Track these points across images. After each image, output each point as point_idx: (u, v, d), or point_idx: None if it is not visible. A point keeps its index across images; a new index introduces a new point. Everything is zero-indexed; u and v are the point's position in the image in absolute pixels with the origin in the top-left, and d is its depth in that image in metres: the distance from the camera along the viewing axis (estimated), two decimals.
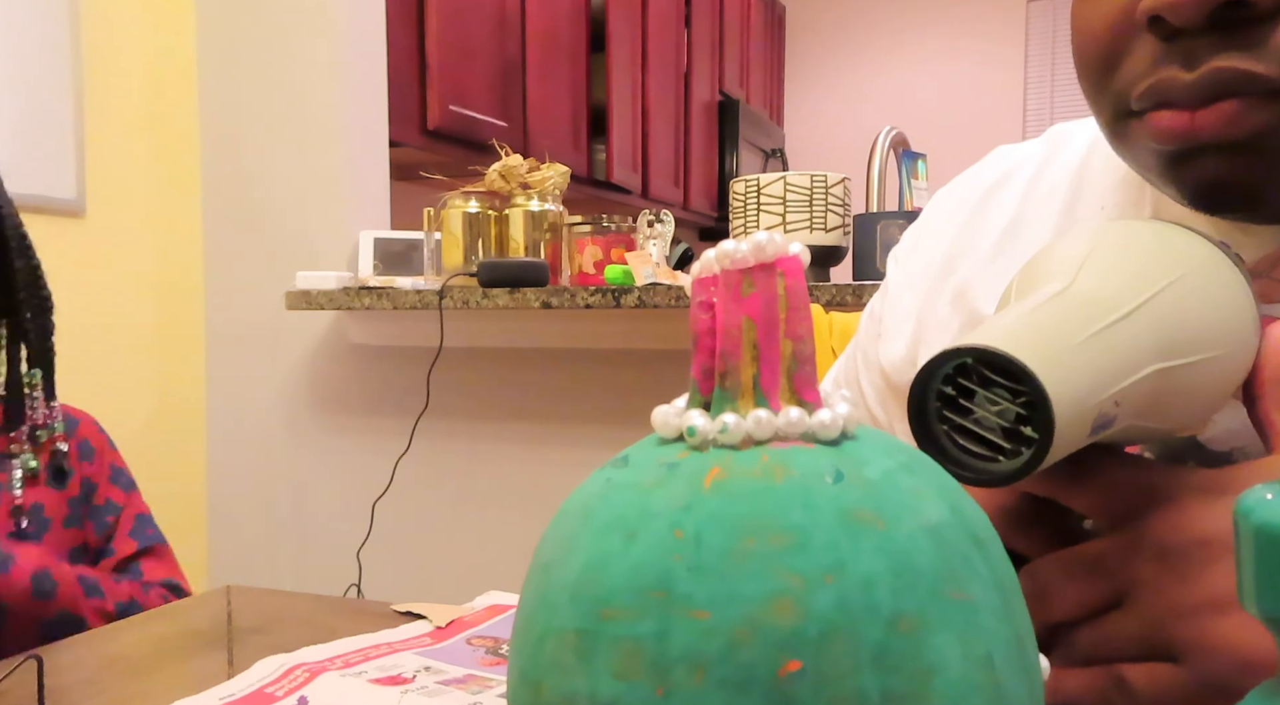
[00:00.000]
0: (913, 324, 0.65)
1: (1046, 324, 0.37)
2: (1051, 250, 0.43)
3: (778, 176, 1.71)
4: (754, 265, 0.28)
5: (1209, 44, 0.44)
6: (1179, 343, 0.38)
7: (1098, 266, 0.40)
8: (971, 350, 0.35)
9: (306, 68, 1.99)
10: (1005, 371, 0.35)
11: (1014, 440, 0.36)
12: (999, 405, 0.36)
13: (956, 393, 0.37)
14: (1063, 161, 0.62)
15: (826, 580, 0.24)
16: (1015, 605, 0.28)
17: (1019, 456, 0.35)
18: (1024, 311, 0.38)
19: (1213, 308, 0.40)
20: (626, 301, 1.63)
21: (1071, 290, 0.39)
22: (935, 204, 0.70)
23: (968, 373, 0.36)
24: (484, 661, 0.60)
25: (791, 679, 0.24)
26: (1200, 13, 0.43)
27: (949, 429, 0.37)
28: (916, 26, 4.90)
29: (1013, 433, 0.36)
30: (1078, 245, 0.42)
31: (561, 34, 3.04)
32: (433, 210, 1.91)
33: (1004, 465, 0.36)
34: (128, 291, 1.98)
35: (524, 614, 0.28)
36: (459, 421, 1.96)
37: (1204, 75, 0.44)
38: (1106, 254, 0.41)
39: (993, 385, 0.36)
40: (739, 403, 0.28)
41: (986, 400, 0.36)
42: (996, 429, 0.36)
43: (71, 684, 0.56)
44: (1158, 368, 0.37)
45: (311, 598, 0.76)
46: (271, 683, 0.55)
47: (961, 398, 0.37)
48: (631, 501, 0.27)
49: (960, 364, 0.36)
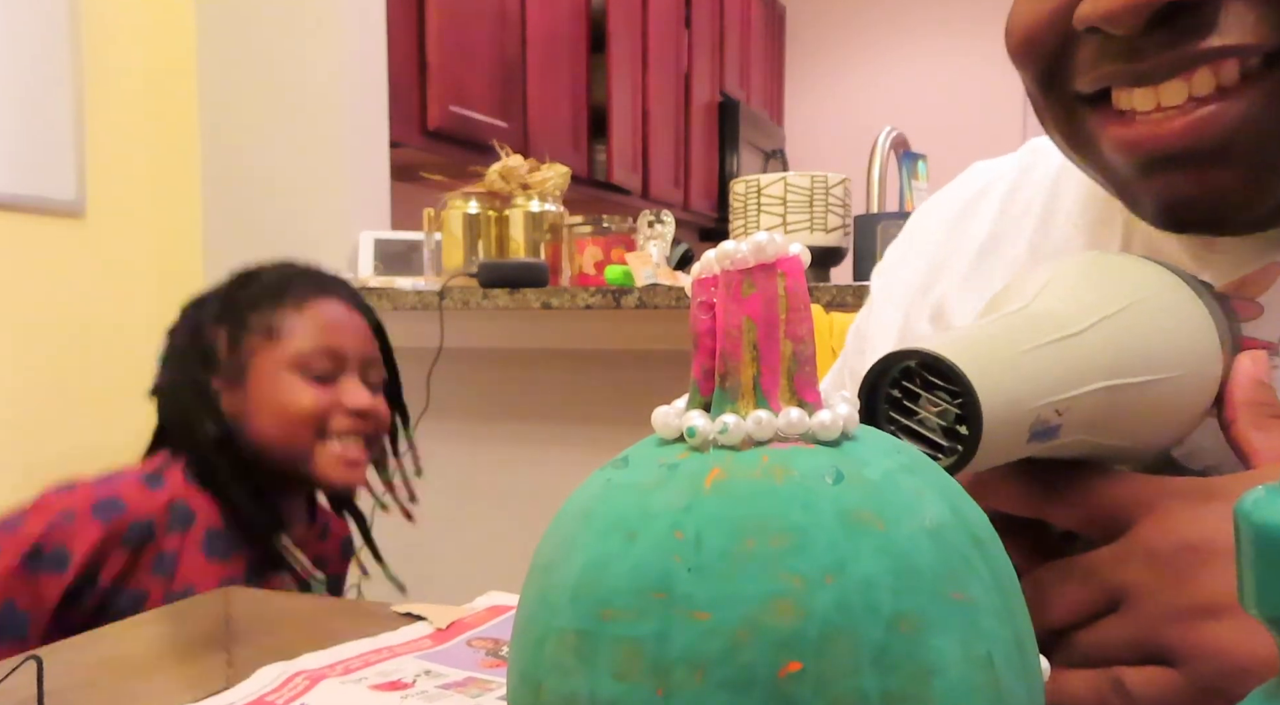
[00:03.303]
0: (894, 339, 0.65)
1: (991, 336, 0.39)
2: (1018, 278, 0.46)
3: (778, 177, 1.71)
4: (754, 266, 0.28)
5: (1155, 41, 0.43)
6: (1131, 363, 0.40)
7: (1056, 290, 0.43)
8: (913, 353, 0.38)
9: (306, 68, 1.99)
10: (943, 375, 0.38)
11: (952, 439, 0.38)
12: (939, 406, 0.38)
13: (903, 395, 0.40)
14: (1037, 177, 0.62)
15: (827, 581, 0.24)
16: (1015, 606, 0.28)
17: (954, 454, 0.38)
18: (976, 325, 0.41)
19: (1168, 332, 0.42)
20: (626, 302, 1.63)
21: (1027, 309, 0.41)
22: (915, 220, 0.70)
23: (912, 376, 0.39)
24: (484, 663, 0.60)
25: (792, 680, 0.24)
26: (1139, 18, 0.42)
27: (895, 429, 0.40)
28: (916, 26, 4.90)
29: (951, 432, 0.38)
30: (1041, 274, 0.44)
31: (561, 34, 3.04)
32: (433, 211, 1.91)
33: (940, 462, 0.38)
34: (128, 291, 1.98)
35: (524, 615, 0.28)
36: (459, 422, 1.96)
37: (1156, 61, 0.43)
38: (1065, 281, 0.43)
39: (935, 388, 0.39)
40: (739, 403, 0.28)
41: (929, 402, 0.39)
42: (937, 429, 0.39)
43: (71, 684, 0.56)
44: (1106, 385, 0.40)
45: (311, 599, 0.76)
46: (272, 691, 0.55)
47: (907, 400, 0.40)
48: (632, 502, 0.27)
49: (905, 368, 0.39)
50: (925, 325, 0.63)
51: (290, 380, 1.09)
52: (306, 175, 2.00)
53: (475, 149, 2.48)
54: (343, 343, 1.12)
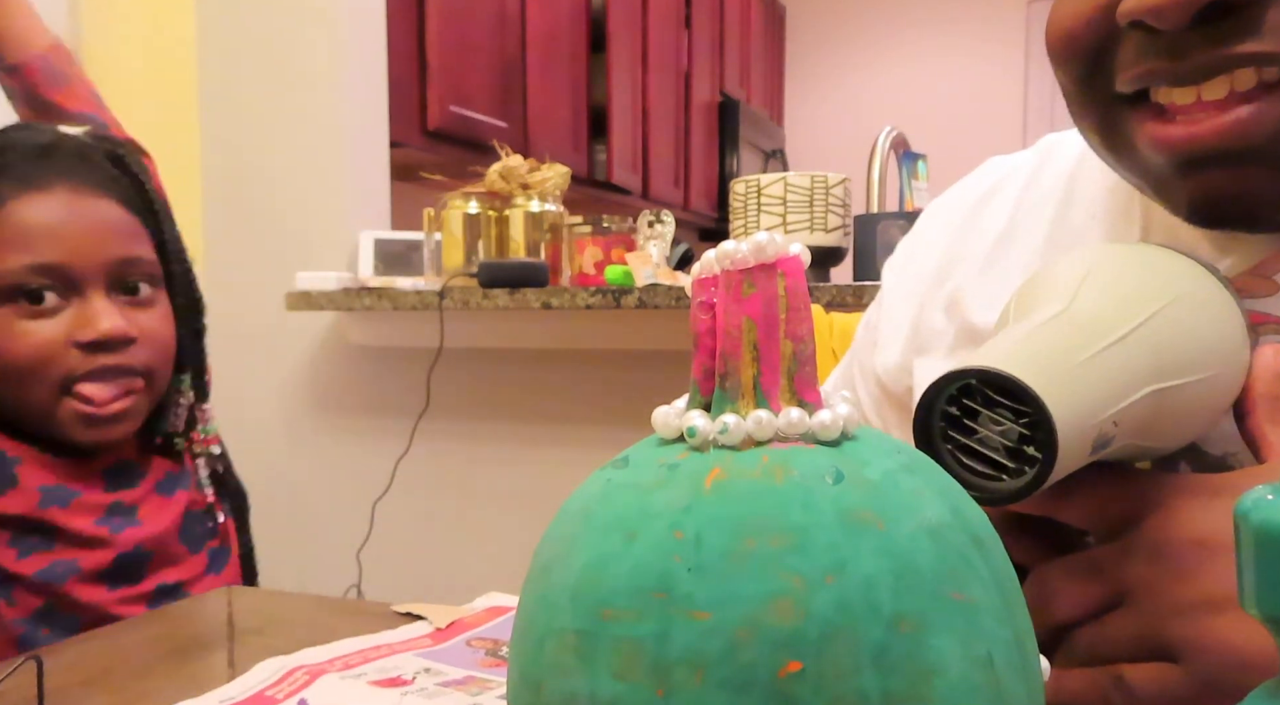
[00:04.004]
0: (907, 332, 0.65)
1: (1046, 346, 0.38)
2: (1047, 272, 0.44)
3: (778, 177, 1.71)
4: (754, 266, 0.28)
5: (1199, 38, 0.43)
6: (1173, 364, 0.39)
7: (1093, 290, 0.41)
8: (976, 372, 0.36)
9: (306, 68, 1.99)
10: (1009, 392, 0.36)
11: (1017, 459, 0.36)
12: (1002, 425, 0.37)
13: (961, 413, 0.38)
14: (1053, 171, 0.62)
15: (827, 581, 0.24)
16: (1015, 606, 0.28)
17: (1023, 475, 0.36)
18: (1024, 333, 0.39)
19: (1204, 330, 0.41)
20: (627, 302, 1.63)
21: (1069, 312, 0.40)
22: (928, 214, 0.70)
23: (972, 394, 0.37)
24: (484, 663, 0.60)
25: (792, 680, 0.24)
26: (1185, 15, 0.42)
27: (953, 448, 0.38)
28: (916, 26, 4.90)
29: (1016, 452, 0.36)
30: (1073, 268, 0.43)
31: (561, 34, 3.04)
32: (433, 211, 1.91)
33: (1008, 484, 0.37)
34: None
35: (524, 615, 0.28)
36: (459, 422, 1.96)
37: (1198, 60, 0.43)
38: (1102, 277, 0.42)
39: (996, 406, 0.37)
40: (739, 403, 0.28)
41: (990, 420, 0.37)
42: (1000, 448, 0.37)
43: (71, 684, 0.56)
44: (1154, 389, 0.39)
45: (311, 599, 0.76)
46: (271, 685, 0.55)
47: (966, 418, 0.38)
48: (632, 502, 0.27)
49: (964, 385, 0.37)
50: (939, 317, 0.63)
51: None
52: (306, 175, 2.00)
53: (475, 149, 2.48)
54: (67, 251, 0.82)
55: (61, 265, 0.82)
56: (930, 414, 0.38)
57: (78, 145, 0.88)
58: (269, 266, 2.02)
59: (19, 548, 0.81)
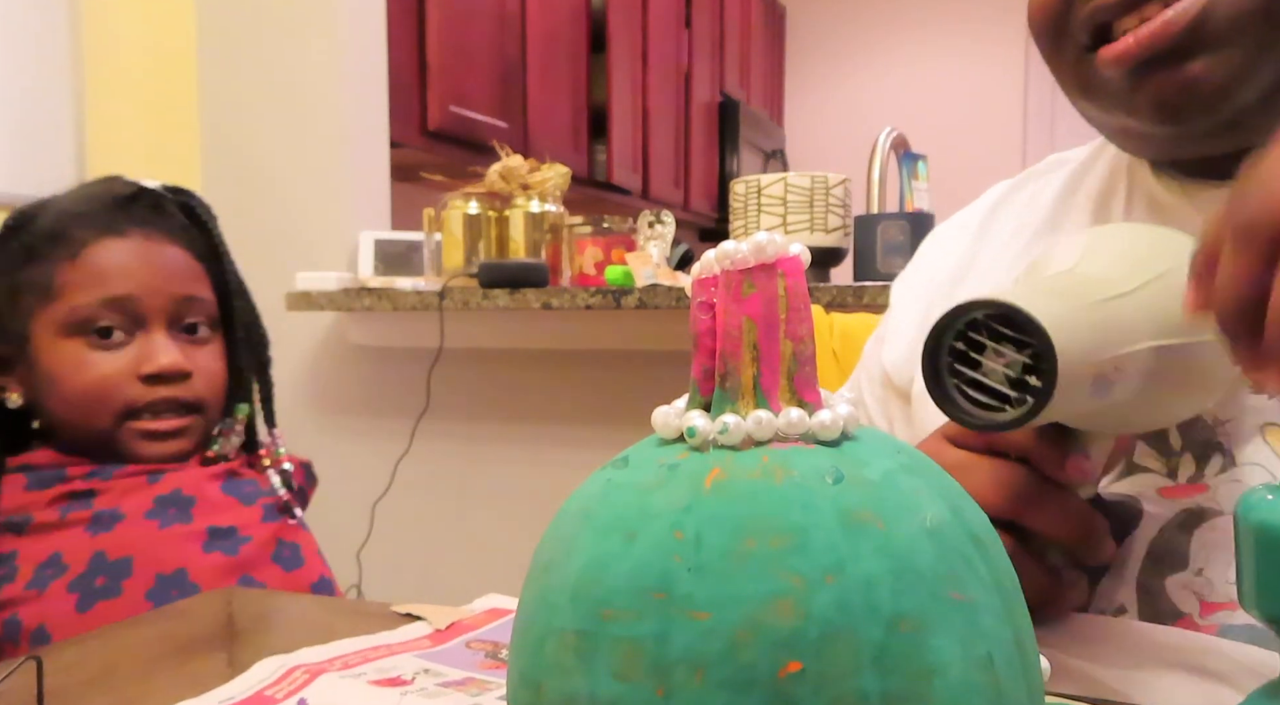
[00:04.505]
0: (915, 329, 0.67)
1: (1053, 290, 0.40)
2: (1055, 245, 0.48)
3: (778, 177, 1.71)
4: (754, 266, 0.28)
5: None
6: (1173, 324, 0.42)
7: (1099, 255, 0.44)
8: (984, 303, 0.39)
9: (306, 68, 1.99)
10: (1014, 324, 0.38)
11: (1020, 389, 0.39)
12: (1005, 357, 0.39)
13: (967, 347, 0.40)
14: (1062, 175, 0.67)
15: (827, 581, 0.24)
16: (1015, 606, 0.28)
17: (1024, 405, 0.39)
18: (1031, 283, 0.42)
19: None
20: (627, 302, 1.63)
21: (1076, 270, 0.43)
22: (934, 238, 0.75)
23: (978, 328, 0.40)
24: (483, 664, 0.60)
25: (792, 679, 0.24)
26: None
27: (958, 381, 0.40)
28: (917, 26, 4.90)
29: (1018, 382, 0.39)
30: (1078, 240, 0.46)
31: (561, 34, 3.03)
32: (433, 211, 1.91)
33: (1009, 413, 0.39)
34: None
35: (524, 615, 0.28)
36: (459, 422, 1.96)
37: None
38: (1106, 246, 0.45)
39: (1002, 339, 0.39)
40: (739, 403, 0.28)
41: (994, 352, 0.39)
42: (1004, 380, 0.39)
43: (71, 684, 0.56)
44: (1154, 345, 0.41)
45: (311, 599, 0.76)
46: (271, 685, 0.55)
47: (972, 351, 0.40)
48: (632, 502, 0.27)
49: (971, 320, 0.40)
50: None
51: (69, 348, 0.89)
52: (306, 175, 2.00)
53: (475, 149, 2.48)
54: (135, 288, 0.90)
55: (129, 298, 0.90)
56: (939, 347, 0.40)
57: (154, 198, 0.98)
58: (269, 266, 2.01)
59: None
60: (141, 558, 0.86)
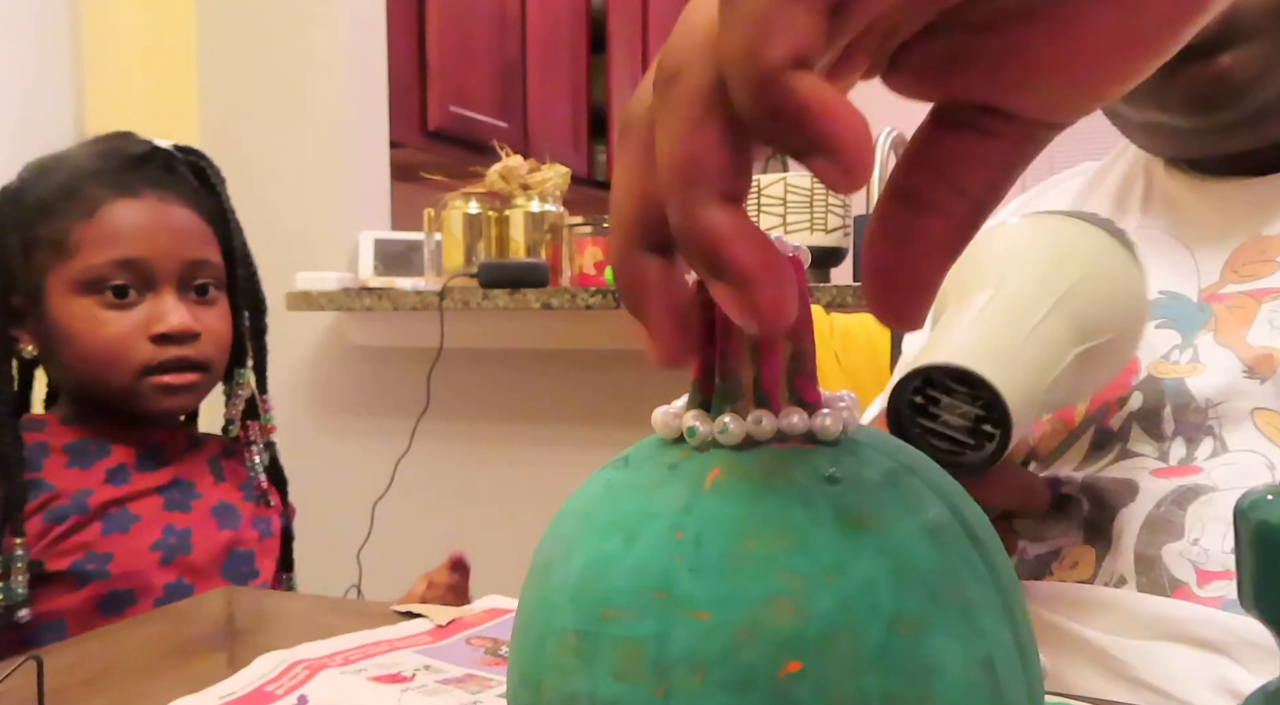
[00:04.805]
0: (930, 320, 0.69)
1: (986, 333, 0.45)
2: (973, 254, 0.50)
3: (778, 177, 1.71)
4: None
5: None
6: (1091, 327, 0.46)
7: (1016, 271, 0.48)
8: (935, 368, 0.43)
9: (306, 68, 1.99)
10: (963, 381, 0.43)
11: (976, 436, 0.43)
12: (961, 408, 0.43)
13: (926, 401, 0.45)
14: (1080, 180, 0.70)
15: (827, 581, 0.24)
16: (1015, 606, 0.28)
17: (984, 449, 0.43)
18: (967, 322, 0.46)
19: (1113, 291, 0.48)
20: None
21: (999, 297, 0.47)
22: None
23: (934, 384, 0.44)
24: (483, 661, 0.60)
25: (792, 680, 0.24)
26: None
27: (920, 431, 0.45)
28: None
29: (974, 430, 0.43)
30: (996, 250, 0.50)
31: (561, 34, 3.04)
32: (433, 211, 1.91)
33: (971, 457, 0.43)
34: None
35: (524, 615, 0.28)
36: (459, 422, 1.96)
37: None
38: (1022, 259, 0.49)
39: (953, 392, 0.43)
40: (739, 403, 0.28)
41: (949, 406, 0.44)
42: (961, 428, 0.44)
43: (71, 684, 0.56)
44: (1078, 351, 0.45)
45: (311, 598, 0.76)
46: (271, 680, 0.55)
47: (930, 405, 0.44)
48: (632, 502, 0.27)
49: (927, 376, 0.44)
50: None
51: (83, 306, 0.92)
52: (306, 175, 2.00)
53: (475, 149, 2.48)
54: (148, 251, 0.93)
55: (142, 260, 0.93)
56: (900, 405, 0.45)
57: (166, 157, 1.01)
58: (269, 266, 2.00)
59: None
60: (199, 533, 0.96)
